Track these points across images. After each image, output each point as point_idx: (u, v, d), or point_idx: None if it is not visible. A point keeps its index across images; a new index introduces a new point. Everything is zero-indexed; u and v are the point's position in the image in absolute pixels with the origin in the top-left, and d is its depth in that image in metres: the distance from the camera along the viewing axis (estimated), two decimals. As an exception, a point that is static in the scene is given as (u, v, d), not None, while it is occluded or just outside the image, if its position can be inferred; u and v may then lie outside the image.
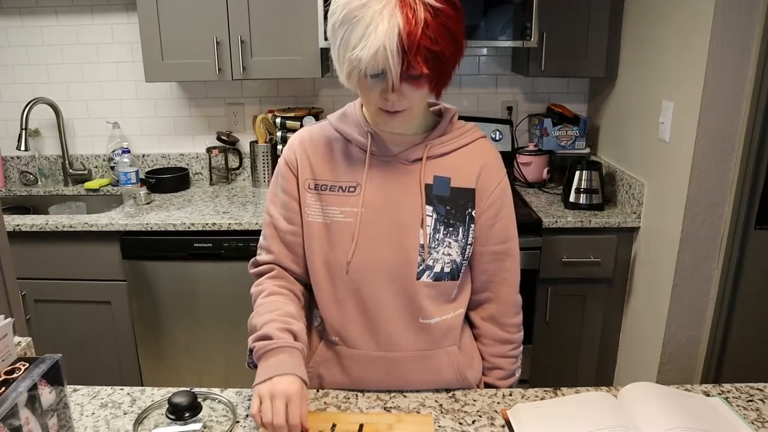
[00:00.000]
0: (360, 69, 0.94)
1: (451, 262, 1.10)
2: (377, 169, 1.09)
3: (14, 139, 2.49)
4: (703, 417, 0.99)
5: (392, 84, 0.95)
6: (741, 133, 1.80)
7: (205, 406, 1.05)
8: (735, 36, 1.72)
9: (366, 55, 0.91)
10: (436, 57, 0.93)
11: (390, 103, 0.99)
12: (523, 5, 2.17)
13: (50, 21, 2.63)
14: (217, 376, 2.36)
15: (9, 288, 1.24)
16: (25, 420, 0.79)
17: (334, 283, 1.10)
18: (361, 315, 1.11)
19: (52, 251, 2.24)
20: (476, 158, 1.12)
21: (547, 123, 2.57)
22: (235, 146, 2.72)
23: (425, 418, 1.04)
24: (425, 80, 0.97)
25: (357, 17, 0.91)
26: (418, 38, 0.90)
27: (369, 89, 0.99)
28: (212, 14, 2.28)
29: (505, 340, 1.20)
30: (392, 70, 0.92)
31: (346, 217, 1.08)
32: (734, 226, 1.87)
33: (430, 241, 1.08)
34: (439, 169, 1.10)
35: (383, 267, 1.08)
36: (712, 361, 2.00)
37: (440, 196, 1.09)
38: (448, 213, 1.09)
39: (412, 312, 1.10)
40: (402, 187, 1.08)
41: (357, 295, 1.10)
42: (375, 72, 0.94)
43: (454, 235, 1.10)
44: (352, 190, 1.09)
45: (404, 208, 1.08)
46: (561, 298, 2.28)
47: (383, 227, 1.08)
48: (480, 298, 1.20)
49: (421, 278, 1.08)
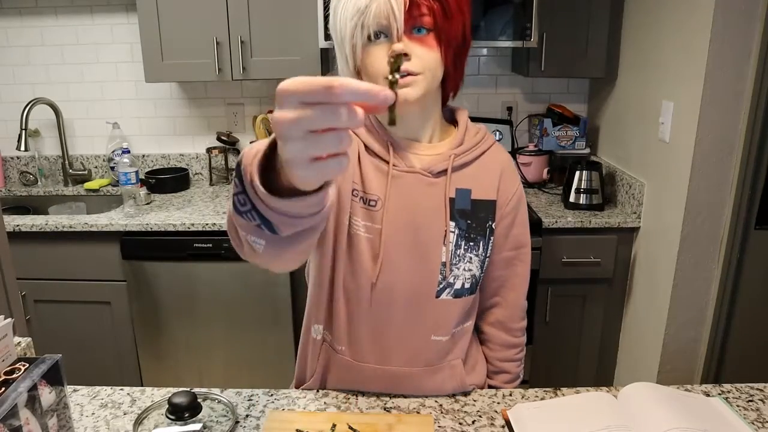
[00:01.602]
0: (362, 24, 0.91)
1: (471, 277, 1.06)
2: (399, 183, 1.03)
3: (14, 139, 2.49)
4: (703, 417, 0.99)
5: (397, 31, 0.91)
6: (741, 133, 1.80)
7: (205, 407, 1.05)
8: (735, 36, 1.72)
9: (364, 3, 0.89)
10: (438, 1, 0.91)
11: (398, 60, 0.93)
12: (523, 5, 2.17)
13: (50, 21, 2.63)
14: (216, 376, 2.36)
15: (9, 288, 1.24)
16: (25, 420, 0.79)
17: (350, 299, 1.06)
18: (373, 331, 1.07)
19: (52, 251, 2.24)
20: (494, 166, 1.08)
21: (547, 123, 2.57)
22: (235, 146, 2.72)
23: (425, 419, 1.04)
24: (432, 38, 0.93)
25: None
26: None
27: (375, 58, 0.94)
28: (212, 14, 2.28)
29: (512, 344, 1.20)
30: (395, 9, 0.89)
31: (366, 232, 1.02)
32: (734, 226, 1.86)
33: (452, 257, 1.04)
34: (460, 181, 1.05)
35: (403, 287, 1.04)
36: (712, 361, 2.00)
37: (462, 210, 1.04)
38: (469, 227, 1.05)
39: (426, 330, 1.07)
40: (425, 202, 1.03)
41: (373, 312, 1.06)
42: (378, 27, 0.91)
43: (475, 249, 1.06)
44: (373, 204, 1.02)
45: (427, 224, 1.03)
46: (561, 298, 2.28)
47: (405, 246, 1.03)
48: (488, 304, 1.18)
49: (441, 296, 1.05)
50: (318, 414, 1.06)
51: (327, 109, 0.50)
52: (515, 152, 2.58)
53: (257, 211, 0.67)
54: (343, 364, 1.12)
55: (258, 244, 0.73)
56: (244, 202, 0.68)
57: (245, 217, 0.69)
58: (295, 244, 0.72)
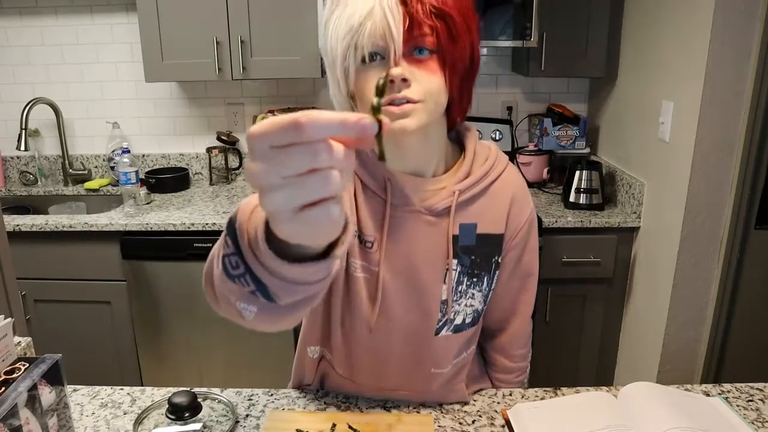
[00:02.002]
0: (355, 45, 0.80)
1: (473, 312, 1.02)
2: (397, 223, 0.94)
3: (14, 139, 2.49)
4: (703, 417, 0.99)
5: (394, 53, 0.79)
6: (741, 133, 1.79)
7: (205, 406, 1.05)
8: (735, 36, 1.72)
9: (359, 19, 0.79)
10: (443, 19, 0.80)
11: (396, 86, 0.81)
12: (523, 5, 2.17)
13: (50, 21, 2.63)
14: (217, 376, 2.36)
15: (9, 288, 1.24)
16: (25, 420, 0.79)
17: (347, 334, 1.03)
18: (372, 363, 1.05)
19: (52, 251, 2.24)
20: (505, 193, 1.00)
21: (547, 123, 2.57)
22: (235, 146, 2.72)
23: (425, 418, 1.04)
24: (435, 61, 0.83)
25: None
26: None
27: (369, 83, 0.83)
28: (212, 14, 2.28)
29: (510, 369, 1.17)
30: (392, 30, 0.78)
31: (363, 272, 0.96)
32: (734, 226, 1.86)
33: (453, 294, 0.99)
34: (465, 216, 0.97)
35: (401, 326, 1.00)
36: (712, 360, 2.00)
37: (466, 246, 0.97)
38: (473, 263, 0.98)
39: (425, 364, 1.04)
40: (425, 241, 0.96)
41: (370, 347, 1.03)
42: (374, 48, 0.80)
43: (478, 285, 1.00)
44: (369, 245, 0.95)
45: (426, 263, 0.96)
46: (561, 298, 2.28)
47: (403, 288, 0.97)
48: (492, 330, 1.15)
49: (441, 333, 1.01)
50: (318, 414, 1.06)
51: (301, 150, 0.43)
52: (515, 152, 2.58)
53: (253, 276, 0.59)
54: (342, 382, 1.11)
55: (248, 311, 0.64)
56: (237, 265, 0.61)
57: (237, 281, 0.62)
58: (293, 312, 0.64)
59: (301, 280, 0.57)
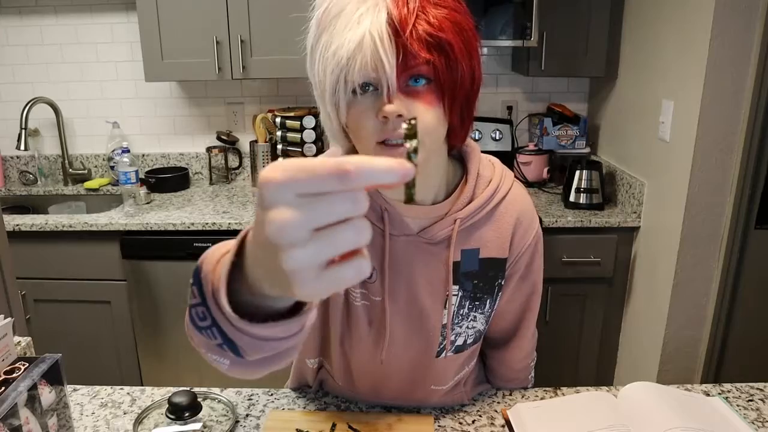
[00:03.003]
0: (345, 76, 0.74)
1: (475, 333, 1.01)
2: (397, 251, 0.91)
3: (14, 138, 2.49)
4: (703, 417, 0.99)
5: (387, 87, 0.73)
6: (741, 133, 1.79)
7: (204, 406, 1.05)
8: (735, 35, 1.72)
9: (348, 50, 0.72)
10: (439, 46, 0.73)
11: (391, 124, 0.74)
12: (524, 5, 2.16)
13: (50, 20, 2.62)
14: (216, 375, 2.34)
15: (9, 288, 1.24)
16: (25, 420, 0.79)
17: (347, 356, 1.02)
18: (371, 381, 1.05)
19: (52, 251, 2.24)
20: (509, 215, 0.95)
21: (547, 122, 2.57)
22: (234, 146, 2.72)
23: (425, 418, 1.04)
24: (431, 92, 0.76)
25: (334, 15, 0.76)
26: (413, 21, 0.72)
27: (362, 116, 0.76)
28: (212, 13, 2.27)
29: (511, 379, 1.16)
30: (385, 62, 0.71)
31: (362, 299, 0.94)
32: (734, 226, 1.86)
33: (454, 317, 0.97)
34: (467, 241, 0.93)
35: (402, 352, 0.98)
36: (712, 360, 2.00)
37: (468, 271, 0.94)
38: (475, 287, 0.96)
39: (425, 382, 1.04)
40: (425, 270, 0.92)
41: (370, 368, 1.02)
42: (365, 78, 0.74)
43: (480, 308, 0.98)
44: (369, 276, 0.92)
45: (427, 290, 0.94)
46: (561, 297, 2.27)
47: (404, 314, 0.95)
48: (494, 344, 1.12)
49: (441, 355, 1.00)
50: (318, 413, 1.06)
51: (340, 199, 0.38)
52: (515, 151, 2.58)
53: (220, 330, 0.55)
54: (341, 390, 1.10)
55: (221, 364, 0.61)
56: (204, 317, 0.56)
57: (204, 333, 0.57)
58: (267, 366, 0.59)
59: (270, 336, 0.53)
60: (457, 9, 0.77)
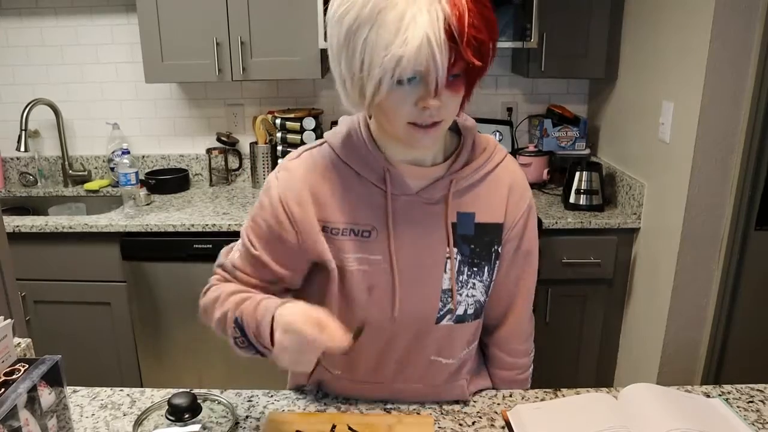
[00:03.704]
0: (395, 73, 0.78)
1: (475, 302, 1.03)
2: (398, 210, 0.97)
3: (14, 140, 2.49)
4: (704, 418, 0.99)
5: (436, 86, 0.80)
6: (741, 134, 1.79)
7: (204, 408, 1.05)
8: (735, 36, 1.72)
9: (408, 51, 0.76)
10: (480, 49, 0.80)
11: (429, 112, 0.83)
12: (523, 6, 2.17)
13: (50, 22, 2.63)
14: (216, 377, 2.36)
15: (9, 289, 1.24)
16: (25, 421, 0.79)
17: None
18: (370, 354, 1.05)
19: (52, 252, 2.24)
20: (502, 184, 1.02)
21: (547, 124, 2.57)
22: (234, 147, 2.72)
23: (425, 420, 1.04)
24: (461, 82, 0.84)
25: (381, 8, 0.77)
26: (467, 25, 0.77)
27: (401, 102, 0.83)
28: (212, 15, 2.28)
29: (510, 365, 1.16)
30: (439, 66, 0.77)
31: (359, 264, 0.97)
32: (734, 227, 1.86)
33: (455, 283, 0.99)
34: (463, 204, 0.99)
35: (401, 315, 0.99)
36: (712, 362, 2.00)
37: (464, 235, 0.99)
38: (472, 252, 1.00)
39: (426, 353, 1.05)
40: (424, 229, 0.98)
41: (369, 339, 1.00)
42: (411, 74, 0.80)
43: (479, 275, 1.01)
44: (366, 234, 0.96)
45: (428, 252, 0.98)
46: (561, 299, 2.27)
47: (405, 277, 0.98)
48: (492, 324, 1.14)
49: (441, 322, 1.01)
50: (318, 415, 1.06)
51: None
52: (515, 153, 2.58)
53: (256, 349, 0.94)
54: (338, 384, 1.10)
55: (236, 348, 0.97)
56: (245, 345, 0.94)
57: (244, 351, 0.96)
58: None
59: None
60: (486, 4, 0.82)
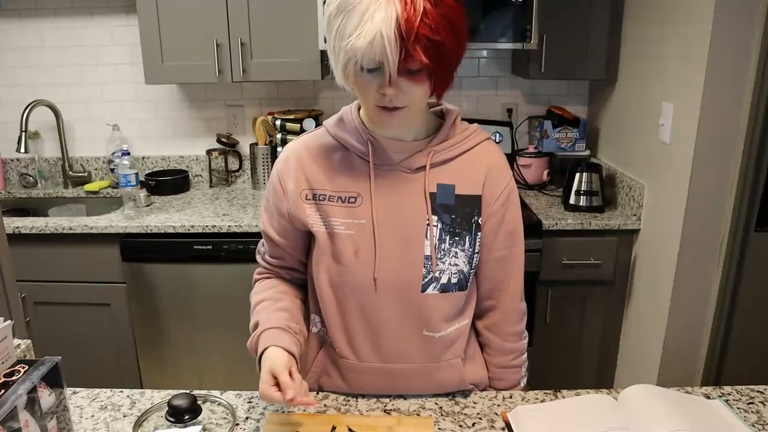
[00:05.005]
0: (356, 60, 0.90)
1: (459, 272, 1.07)
2: (379, 179, 1.05)
3: (14, 141, 2.49)
4: (704, 419, 0.99)
5: (389, 76, 0.91)
6: (741, 135, 1.79)
7: (204, 409, 1.05)
8: (735, 37, 1.72)
9: (362, 44, 0.87)
10: (436, 48, 0.89)
11: (388, 98, 0.94)
12: (524, 7, 2.17)
13: (50, 23, 2.63)
14: (216, 378, 2.36)
15: (8, 290, 1.24)
16: (25, 422, 0.79)
17: (338, 296, 1.08)
18: (365, 328, 1.09)
19: (52, 253, 2.24)
20: (481, 162, 1.08)
21: (547, 125, 2.57)
22: (234, 148, 2.72)
23: (425, 421, 1.04)
24: (424, 75, 0.93)
25: (353, 5, 0.88)
26: (416, 26, 0.86)
27: (366, 85, 0.95)
28: (212, 16, 2.28)
29: (507, 349, 1.19)
30: (389, 60, 0.88)
31: (346, 229, 1.05)
32: (734, 229, 1.86)
33: (437, 251, 1.05)
34: (442, 177, 1.06)
35: (388, 281, 1.05)
36: (712, 363, 2.00)
37: (445, 204, 1.05)
38: (453, 222, 1.06)
39: (417, 325, 1.08)
40: (405, 198, 1.05)
41: (361, 308, 1.07)
42: (372, 65, 0.91)
43: (460, 244, 1.07)
44: (352, 201, 1.05)
45: (408, 219, 1.05)
46: (561, 300, 2.27)
47: (388, 240, 1.04)
48: (484, 307, 1.18)
49: (427, 290, 1.06)
50: (318, 416, 1.06)
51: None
52: (515, 154, 2.58)
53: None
54: (340, 364, 1.13)
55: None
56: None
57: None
58: None
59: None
60: (450, 2, 0.91)
